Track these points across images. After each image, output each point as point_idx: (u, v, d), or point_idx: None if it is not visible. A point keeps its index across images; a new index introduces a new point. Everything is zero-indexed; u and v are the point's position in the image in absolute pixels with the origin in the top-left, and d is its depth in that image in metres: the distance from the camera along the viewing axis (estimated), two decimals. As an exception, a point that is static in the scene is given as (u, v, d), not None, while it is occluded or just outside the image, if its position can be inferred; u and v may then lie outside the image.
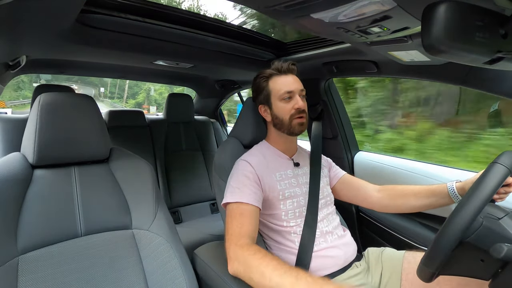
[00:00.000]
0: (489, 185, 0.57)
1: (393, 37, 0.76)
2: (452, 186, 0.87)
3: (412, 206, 0.96)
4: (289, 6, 0.67)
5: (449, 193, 0.87)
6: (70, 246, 0.71)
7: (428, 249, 0.58)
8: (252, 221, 0.83)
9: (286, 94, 0.95)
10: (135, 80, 3.46)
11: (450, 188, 0.87)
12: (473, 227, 0.55)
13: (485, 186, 0.57)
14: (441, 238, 0.56)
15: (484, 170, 0.62)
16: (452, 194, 0.87)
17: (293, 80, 0.97)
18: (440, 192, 0.89)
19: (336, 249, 0.91)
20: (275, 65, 0.99)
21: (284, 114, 0.95)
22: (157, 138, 2.00)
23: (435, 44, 0.43)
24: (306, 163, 1.05)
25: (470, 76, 0.89)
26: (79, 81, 29.29)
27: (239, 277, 0.75)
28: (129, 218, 0.80)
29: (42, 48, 1.07)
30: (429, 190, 0.92)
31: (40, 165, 0.76)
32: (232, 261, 0.77)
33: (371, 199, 1.02)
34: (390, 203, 0.99)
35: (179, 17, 1.03)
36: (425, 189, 0.94)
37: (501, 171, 0.58)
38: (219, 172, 1.03)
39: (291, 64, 0.98)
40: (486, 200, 0.55)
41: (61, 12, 0.75)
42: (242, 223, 0.82)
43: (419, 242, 1.11)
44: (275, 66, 0.99)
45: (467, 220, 0.54)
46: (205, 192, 2.00)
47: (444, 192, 0.88)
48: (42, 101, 0.76)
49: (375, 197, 1.01)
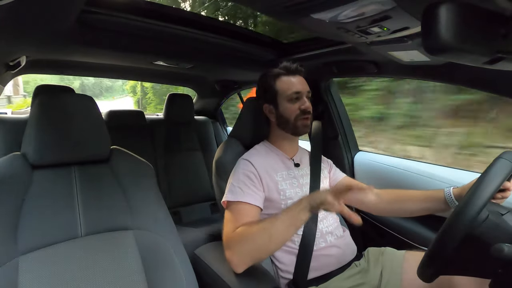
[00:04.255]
0: (495, 178, 0.56)
1: (393, 37, 0.76)
2: (449, 192, 0.86)
3: (409, 211, 0.96)
4: (289, 6, 0.67)
5: (445, 198, 0.86)
6: (70, 246, 0.71)
7: (429, 249, 0.58)
8: (250, 220, 0.83)
9: (294, 95, 0.95)
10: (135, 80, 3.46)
11: (447, 193, 0.87)
12: (479, 219, 0.55)
13: (491, 179, 0.56)
14: (441, 238, 0.56)
15: (489, 165, 0.62)
16: (449, 200, 0.86)
17: (301, 81, 0.97)
18: (437, 198, 0.89)
19: (335, 248, 0.91)
20: (283, 64, 0.98)
21: (290, 114, 0.95)
22: (157, 138, 2.00)
23: (435, 44, 0.43)
24: (306, 163, 1.05)
25: (470, 76, 0.89)
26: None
27: (245, 264, 0.78)
28: (129, 218, 0.80)
29: (42, 48, 1.07)
30: (426, 195, 0.92)
31: (40, 165, 0.76)
32: (228, 257, 0.79)
33: (369, 203, 1.02)
34: (386, 207, 1.00)
35: (179, 17, 1.03)
36: (422, 194, 0.93)
37: (507, 165, 0.58)
38: (219, 172, 1.03)
39: (299, 65, 0.98)
40: (492, 192, 0.55)
41: (61, 12, 0.75)
42: (240, 222, 0.82)
43: (419, 242, 1.11)
44: (283, 66, 0.98)
45: (471, 214, 0.54)
46: (205, 192, 2.00)
47: (441, 197, 0.87)
48: (42, 101, 0.76)
49: (373, 200, 1.01)
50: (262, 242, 0.76)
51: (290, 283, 0.86)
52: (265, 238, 0.75)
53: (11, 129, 1.47)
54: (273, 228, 0.75)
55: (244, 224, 0.81)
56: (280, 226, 0.75)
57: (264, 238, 0.75)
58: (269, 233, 0.75)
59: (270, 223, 0.76)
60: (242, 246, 0.78)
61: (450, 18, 0.42)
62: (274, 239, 0.75)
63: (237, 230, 0.80)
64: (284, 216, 0.76)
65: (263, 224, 0.77)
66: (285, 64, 0.98)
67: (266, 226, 0.76)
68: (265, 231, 0.76)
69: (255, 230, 0.77)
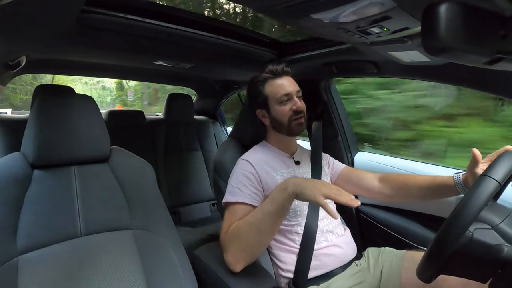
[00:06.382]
0: (477, 201, 0.55)
1: (393, 37, 0.76)
2: (459, 178, 0.82)
3: (415, 196, 0.95)
4: (289, 6, 0.67)
5: (455, 185, 0.83)
6: (70, 246, 0.71)
7: (428, 249, 0.58)
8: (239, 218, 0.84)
9: (284, 97, 0.95)
10: (135, 80, 3.46)
11: (456, 179, 0.83)
12: (462, 242, 0.54)
13: (473, 201, 0.54)
14: (440, 238, 0.56)
15: (473, 185, 0.60)
16: (459, 186, 0.82)
17: (289, 82, 0.97)
18: (445, 185, 0.85)
19: (336, 248, 0.92)
20: (269, 68, 0.98)
21: (283, 117, 0.95)
22: (157, 138, 2.00)
23: (435, 44, 0.43)
24: (307, 162, 1.05)
25: (470, 76, 0.89)
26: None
27: (242, 262, 0.80)
28: (129, 218, 0.80)
29: (42, 48, 1.07)
30: (433, 182, 0.89)
31: (40, 165, 0.76)
32: (225, 257, 0.80)
33: (372, 190, 1.01)
34: (392, 193, 0.98)
35: (179, 17, 1.02)
36: (429, 180, 0.90)
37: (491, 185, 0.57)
38: (219, 172, 1.03)
39: (285, 66, 0.98)
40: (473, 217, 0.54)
41: (61, 12, 0.74)
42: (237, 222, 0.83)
43: (419, 242, 1.11)
44: (269, 70, 0.98)
45: (458, 233, 0.53)
46: (205, 192, 2.00)
47: (450, 184, 0.84)
48: (42, 101, 0.76)
49: (377, 187, 1.00)
50: (253, 238, 0.78)
51: (290, 283, 0.86)
52: (255, 233, 0.77)
53: (11, 129, 1.47)
54: (260, 223, 0.77)
55: (234, 222, 0.83)
56: (267, 220, 0.77)
57: (253, 233, 0.78)
58: (257, 228, 0.77)
59: (257, 218, 0.78)
60: (234, 244, 0.79)
61: (450, 18, 0.42)
62: (264, 233, 0.78)
63: (229, 230, 0.82)
64: (270, 208, 0.77)
65: (250, 219, 0.79)
66: (270, 68, 0.97)
67: (253, 221, 0.78)
68: (252, 227, 0.78)
69: (243, 228, 0.79)
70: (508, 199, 0.86)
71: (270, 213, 0.77)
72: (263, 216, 0.77)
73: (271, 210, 0.77)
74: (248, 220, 0.79)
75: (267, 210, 0.77)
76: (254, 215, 0.79)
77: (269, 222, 0.77)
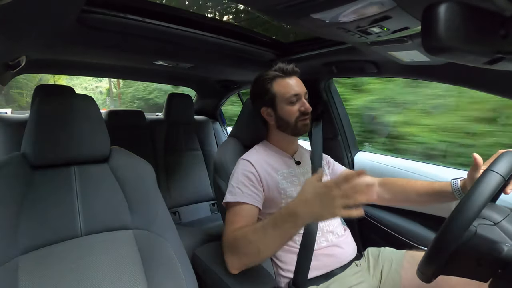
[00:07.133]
0: (482, 195, 0.55)
1: (393, 37, 0.76)
2: (457, 184, 0.83)
3: (413, 201, 0.95)
4: (289, 6, 0.67)
5: (453, 191, 0.84)
6: (70, 246, 0.71)
7: (428, 249, 0.58)
8: (249, 221, 0.83)
9: (293, 97, 0.94)
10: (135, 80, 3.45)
11: (454, 186, 0.84)
12: (466, 236, 0.54)
13: (478, 195, 0.54)
14: (440, 238, 0.56)
15: (478, 178, 0.60)
16: (457, 193, 0.83)
17: (298, 82, 0.97)
18: (443, 190, 0.86)
19: (336, 248, 0.91)
20: (278, 66, 0.96)
21: (290, 117, 0.95)
22: (157, 138, 2.00)
23: (435, 44, 0.43)
24: (307, 162, 1.05)
25: (470, 76, 0.89)
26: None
27: (239, 268, 0.78)
28: (129, 218, 0.80)
29: (42, 48, 1.06)
30: (432, 187, 0.90)
31: (40, 165, 0.76)
32: (225, 258, 0.79)
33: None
34: (391, 198, 0.98)
35: (179, 17, 1.02)
36: (427, 186, 0.91)
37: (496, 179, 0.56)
38: (219, 172, 1.03)
39: (295, 65, 0.97)
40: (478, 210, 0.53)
41: (61, 12, 0.74)
42: (238, 222, 0.82)
43: (419, 242, 1.11)
44: (279, 68, 0.96)
45: (458, 233, 0.53)
46: (205, 192, 2.00)
47: (448, 190, 0.85)
48: (42, 101, 0.76)
49: (375, 191, 1.00)
50: (252, 253, 0.74)
51: (290, 283, 0.86)
52: (255, 250, 0.73)
53: (11, 129, 1.47)
54: (260, 243, 0.72)
55: (239, 228, 0.80)
56: (269, 243, 0.72)
57: (252, 250, 0.74)
58: (257, 248, 0.73)
59: (258, 238, 0.73)
60: (234, 252, 0.78)
61: (450, 18, 0.42)
62: (264, 252, 0.73)
63: (232, 235, 0.80)
64: (273, 233, 0.70)
65: (250, 237, 0.74)
66: (280, 66, 0.96)
67: (253, 240, 0.73)
68: (252, 245, 0.73)
69: (243, 243, 0.75)
70: (509, 199, 0.86)
71: (274, 237, 0.71)
72: (265, 238, 0.72)
73: (274, 235, 0.71)
74: (248, 237, 0.74)
75: (270, 234, 0.71)
76: (255, 233, 0.74)
77: (271, 245, 0.72)
